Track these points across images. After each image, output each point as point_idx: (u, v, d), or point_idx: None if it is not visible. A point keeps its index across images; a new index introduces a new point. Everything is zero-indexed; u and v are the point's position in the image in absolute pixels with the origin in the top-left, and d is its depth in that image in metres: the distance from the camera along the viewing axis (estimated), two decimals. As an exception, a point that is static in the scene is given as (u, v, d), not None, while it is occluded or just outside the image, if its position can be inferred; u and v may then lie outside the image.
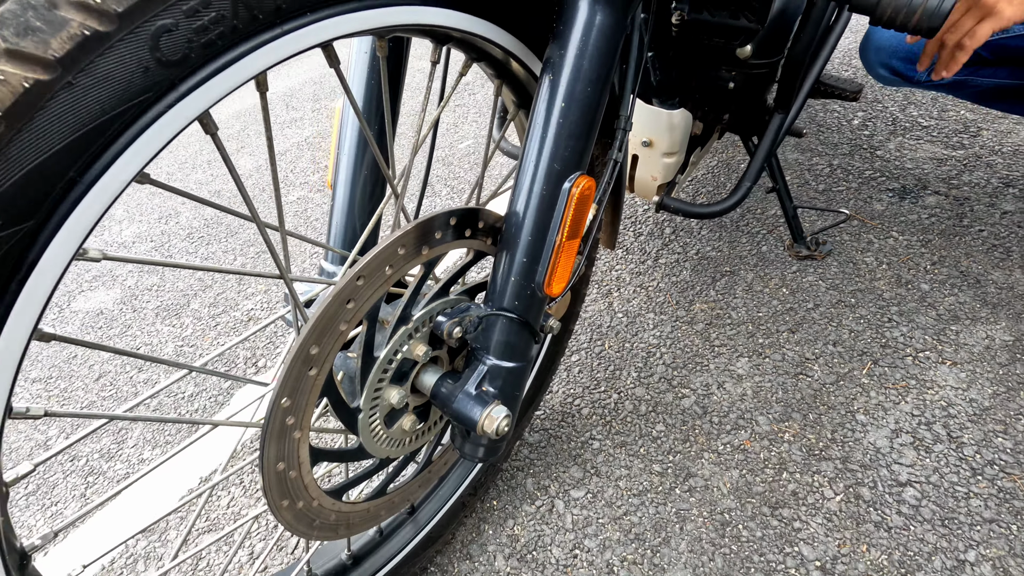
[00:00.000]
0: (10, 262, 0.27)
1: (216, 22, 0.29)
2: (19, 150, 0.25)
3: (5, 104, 0.24)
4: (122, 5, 0.26)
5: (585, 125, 0.46)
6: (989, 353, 0.86)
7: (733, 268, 1.13)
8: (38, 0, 0.24)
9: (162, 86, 0.28)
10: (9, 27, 0.24)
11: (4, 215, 0.25)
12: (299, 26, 0.34)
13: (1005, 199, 1.14)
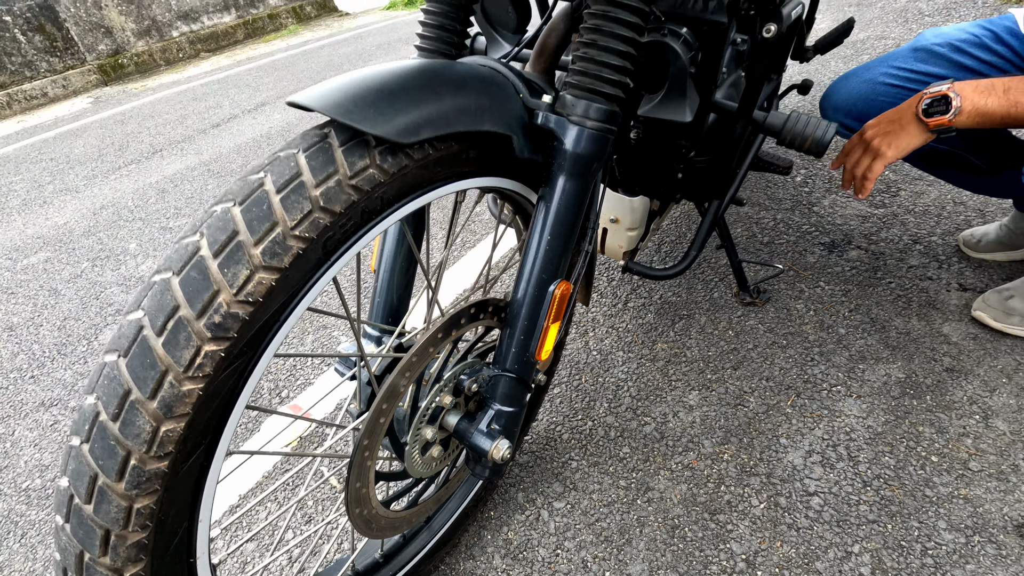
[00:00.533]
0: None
1: (352, 229, 0.48)
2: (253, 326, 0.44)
3: (259, 295, 0.43)
4: (314, 231, 0.45)
5: (563, 246, 0.66)
6: (885, 388, 1.08)
7: (690, 312, 1.34)
8: (277, 234, 0.43)
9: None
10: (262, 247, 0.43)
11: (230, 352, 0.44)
12: (407, 202, 0.52)
13: (912, 255, 1.38)
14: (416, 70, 0.53)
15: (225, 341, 0.42)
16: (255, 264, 0.42)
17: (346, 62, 4.65)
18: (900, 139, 0.93)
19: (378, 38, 5.53)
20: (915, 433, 0.99)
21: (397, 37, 5.37)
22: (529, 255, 0.66)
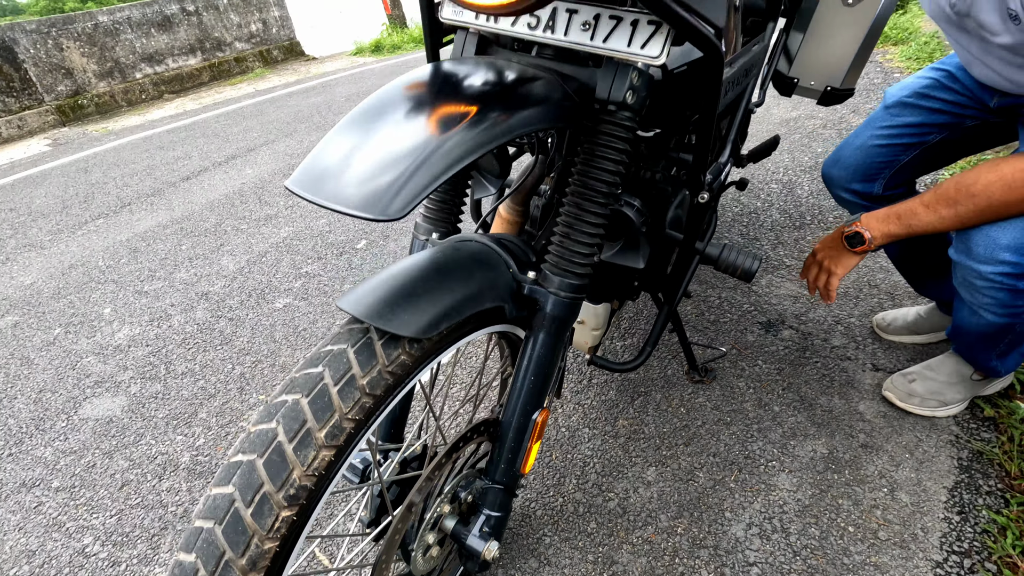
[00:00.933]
0: None
1: (384, 400, 0.60)
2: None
3: (322, 468, 0.54)
4: (361, 413, 0.57)
5: (543, 382, 0.80)
6: (812, 463, 1.26)
7: (647, 389, 1.50)
8: (336, 420, 0.55)
9: None
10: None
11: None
12: (423, 367, 0.65)
13: (835, 335, 1.59)
14: (430, 266, 0.67)
15: (296, 507, 0.53)
16: (319, 445, 0.54)
17: (315, 113, 4.77)
18: (841, 261, 1.13)
19: (346, 87, 5.68)
20: (836, 505, 1.17)
21: (365, 88, 5.53)
22: (516, 387, 0.80)
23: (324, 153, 0.56)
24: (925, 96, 1.21)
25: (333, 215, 2.75)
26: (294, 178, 0.55)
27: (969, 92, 1.15)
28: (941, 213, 0.98)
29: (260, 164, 3.67)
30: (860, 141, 1.30)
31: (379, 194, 0.50)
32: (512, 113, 0.60)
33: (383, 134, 0.56)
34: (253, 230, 2.73)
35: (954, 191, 0.96)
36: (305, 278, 2.24)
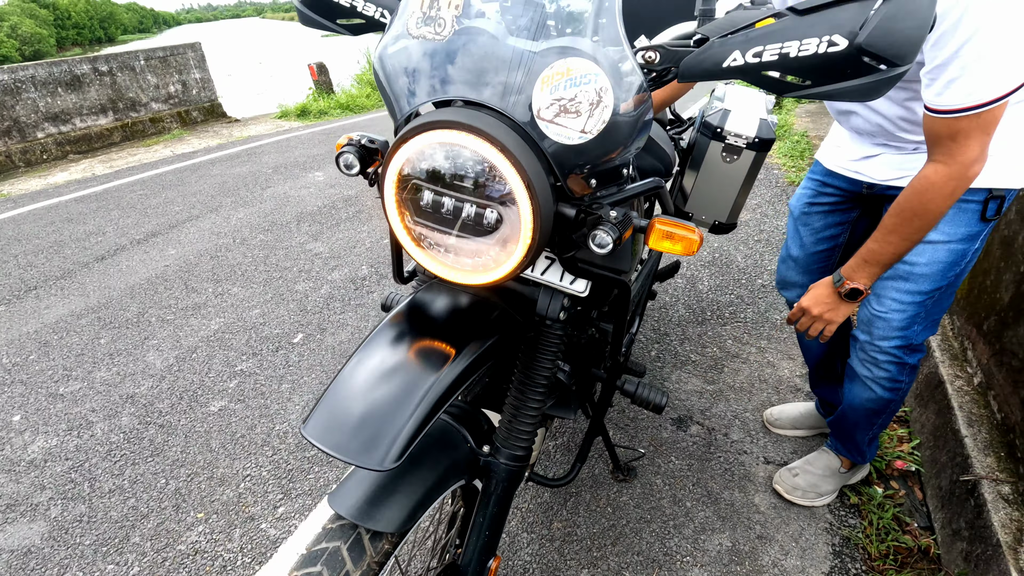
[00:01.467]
0: None
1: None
2: None
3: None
4: None
5: (496, 535, 0.94)
6: (719, 556, 1.45)
7: (577, 490, 1.66)
8: None
9: None
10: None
11: None
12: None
13: (734, 429, 1.84)
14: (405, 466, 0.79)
15: None
16: None
17: (242, 186, 4.74)
18: (841, 312, 1.19)
19: (274, 157, 5.68)
20: (740, 596, 1.36)
21: (294, 159, 5.56)
22: (473, 538, 0.93)
23: (333, 403, 0.69)
24: (815, 203, 1.44)
25: (266, 306, 2.76)
26: (310, 427, 0.67)
27: (843, 191, 1.37)
28: (890, 240, 1.07)
29: (184, 243, 3.59)
30: (797, 253, 1.52)
31: (376, 445, 0.64)
32: (480, 344, 0.76)
33: (379, 383, 0.70)
34: (180, 321, 2.68)
35: (889, 221, 1.07)
36: (240, 377, 2.23)
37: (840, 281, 1.16)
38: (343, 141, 0.82)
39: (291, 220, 3.87)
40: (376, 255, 3.24)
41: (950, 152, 0.94)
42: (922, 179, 1.00)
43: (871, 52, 0.58)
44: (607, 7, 0.60)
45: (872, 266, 1.13)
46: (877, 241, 1.10)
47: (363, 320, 2.58)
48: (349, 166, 0.78)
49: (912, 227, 1.04)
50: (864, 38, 0.58)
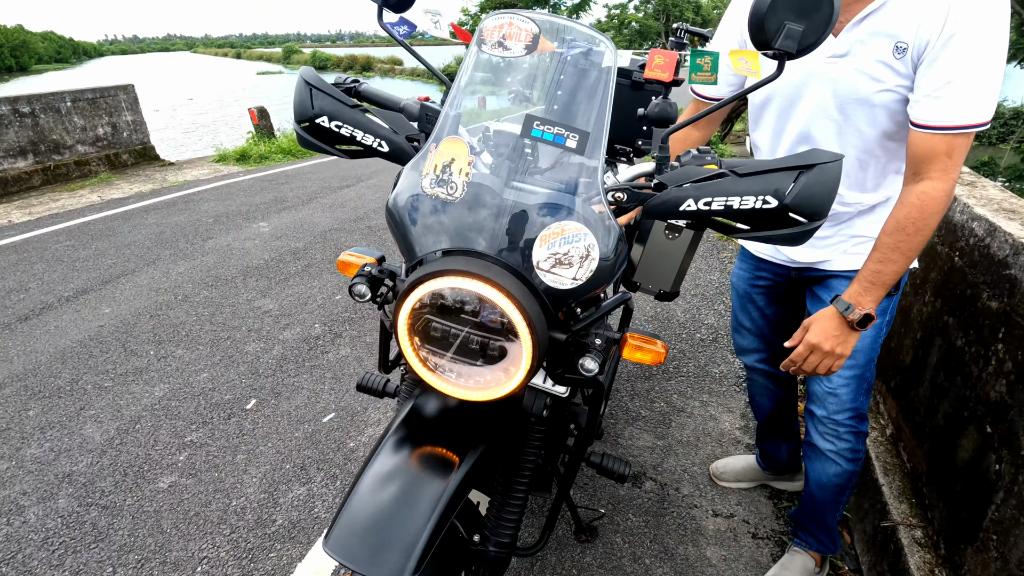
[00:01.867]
0: None
1: None
2: None
3: None
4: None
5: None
6: (678, 612, 1.54)
7: (543, 553, 1.72)
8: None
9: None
10: None
11: None
12: None
13: (684, 483, 1.97)
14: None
15: None
16: None
17: (181, 237, 4.59)
18: (849, 343, 1.15)
19: (214, 205, 5.54)
20: (699, 651, 1.45)
21: (236, 208, 5.44)
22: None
23: (351, 518, 0.75)
24: (755, 286, 1.56)
25: (214, 369, 2.69)
26: (332, 543, 0.72)
27: (775, 275, 1.49)
28: (894, 258, 1.08)
29: (120, 301, 3.43)
30: (745, 325, 1.64)
31: (395, 559, 0.71)
32: (478, 448, 0.83)
33: (394, 497, 0.76)
34: (120, 388, 2.55)
35: (891, 240, 1.08)
36: (191, 449, 2.16)
37: (849, 309, 1.12)
38: (351, 261, 0.88)
39: (236, 275, 3.79)
40: (328, 312, 3.23)
41: (945, 168, 1.01)
42: (921, 195, 1.03)
43: (795, 210, 0.73)
44: (589, 168, 0.72)
45: (878, 288, 1.11)
46: (880, 262, 1.09)
47: (318, 383, 2.56)
48: (362, 295, 0.85)
49: (914, 243, 1.06)
50: (790, 200, 0.73)
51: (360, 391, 1.39)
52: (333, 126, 0.89)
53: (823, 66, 1.13)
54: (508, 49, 0.78)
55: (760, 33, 0.76)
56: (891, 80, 1.06)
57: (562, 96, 0.85)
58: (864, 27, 1.06)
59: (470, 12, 21.78)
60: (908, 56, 1.03)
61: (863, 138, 1.16)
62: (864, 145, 1.17)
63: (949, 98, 0.97)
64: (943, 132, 0.99)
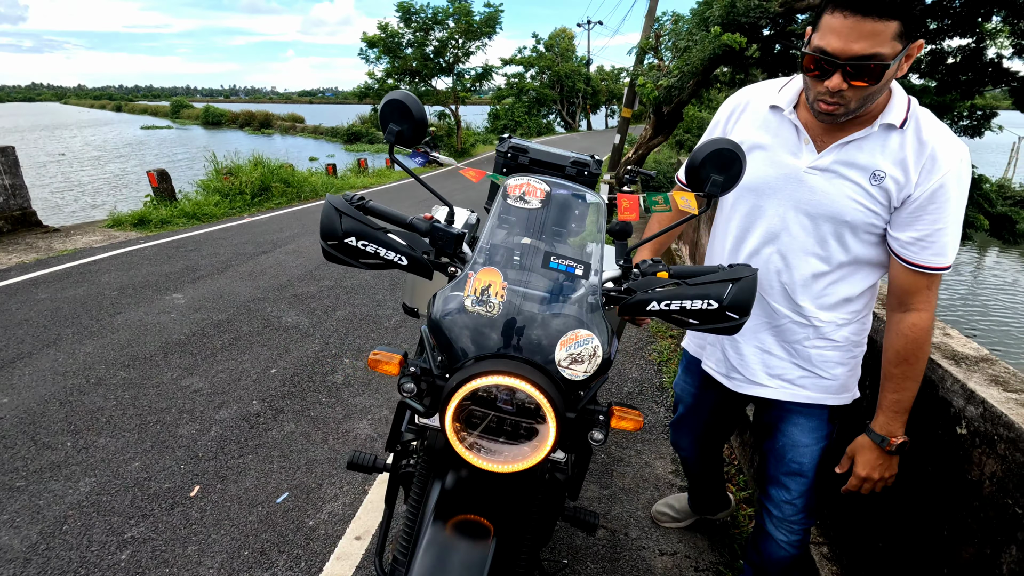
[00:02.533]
0: None
1: None
2: None
3: None
4: None
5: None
6: (642, 647, 1.72)
7: (514, 609, 1.83)
8: None
9: None
10: None
11: None
12: None
13: (631, 527, 2.18)
14: None
15: None
16: None
17: (82, 312, 4.26)
18: (893, 465, 1.26)
19: (116, 276, 5.19)
20: None
21: (142, 279, 5.14)
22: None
23: None
24: (699, 403, 1.67)
25: (146, 457, 2.55)
26: None
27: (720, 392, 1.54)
28: (907, 386, 1.21)
29: (20, 388, 3.14)
30: (686, 429, 1.77)
31: None
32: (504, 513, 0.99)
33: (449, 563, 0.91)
34: (36, 487, 2.35)
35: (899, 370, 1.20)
36: (133, 546, 2.04)
37: (885, 442, 1.23)
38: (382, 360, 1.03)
39: (155, 352, 3.61)
40: (265, 388, 3.18)
41: (928, 300, 1.16)
42: (912, 327, 1.17)
43: (730, 309, 1.00)
44: (592, 287, 0.96)
45: (903, 414, 1.23)
46: (897, 391, 1.21)
47: (266, 463, 2.52)
48: (411, 391, 0.99)
49: (918, 368, 1.19)
50: (727, 303, 1.00)
51: (351, 469, 1.49)
52: (360, 245, 1.06)
53: (803, 174, 1.20)
54: (528, 203, 1.01)
55: (694, 181, 1.05)
56: (864, 202, 1.15)
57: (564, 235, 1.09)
58: (847, 150, 1.16)
59: (376, 76, 22.34)
60: (884, 187, 1.13)
61: (827, 249, 1.22)
62: (825, 255, 1.23)
63: (939, 244, 1.11)
64: (930, 272, 1.13)
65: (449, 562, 0.94)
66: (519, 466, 0.93)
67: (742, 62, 9.05)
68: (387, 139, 1.14)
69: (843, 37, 0.98)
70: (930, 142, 1.09)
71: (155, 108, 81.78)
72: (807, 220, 1.22)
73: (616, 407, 1.04)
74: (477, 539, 0.97)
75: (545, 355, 0.91)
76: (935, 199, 1.09)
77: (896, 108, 1.12)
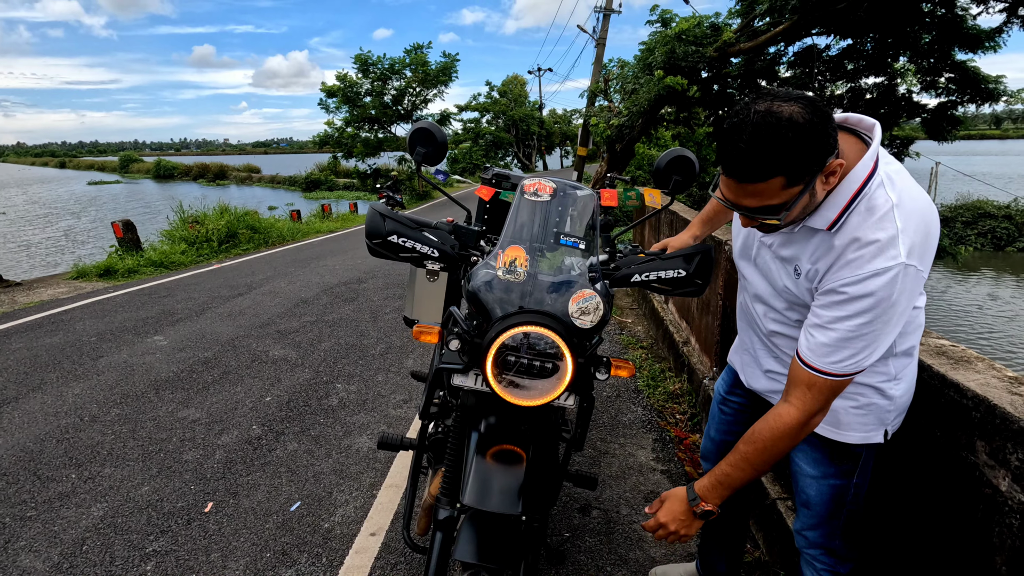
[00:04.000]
0: None
1: None
2: None
3: None
4: None
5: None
6: (641, 601, 1.94)
7: (525, 580, 2.02)
8: None
9: None
10: None
11: None
12: None
13: (622, 507, 2.41)
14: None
15: None
16: None
17: (63, 358, 4.27)
18: (693, 526, 1.23)
19: (92, 323, 5.19)
20: (662, 624, 1.84)
21: (120, 324, 5.16)
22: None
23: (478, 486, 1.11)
24: (729, 399, 1.60)
25: (155, 481, 2.64)
26: (468, 497, 1.08)
27: (748, 395, 1.52)
28: (742, 466, 1.15)
29: (12, 430, 3.16)
30: (713, 437, 1.66)
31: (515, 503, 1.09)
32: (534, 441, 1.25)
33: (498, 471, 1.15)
34: (48, 515, 2.41)
35: (743, 448, 1.15)
36: (156, 558, 2.14)
37: (696, 501, 1.20)
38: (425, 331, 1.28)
39: (146, 389, 3.67)
40: (263, 414, 3.30)
41: (803, 398, 1.07)
42: (776, 416, 1.10)
43: (696, 276, 1.30)
44: (592, 260, 1.25)
45: (725, 489, 1.17)
46: (732, 466, 1.16)
47: (274, 478, 2.64)
48: (457, 347, 1.23)
49: (761, 459, 1.12)
50: (692, 271, 1.30)
51: (381, 448, 1.70)
52: (400, 242, 1.32)
53: (764, 248, 1.25)
54: (539, 196, 1.30)
55: (660, 180, 1.37)
56: (790, 286, 1.17)
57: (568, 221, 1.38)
58: (781, 238, 1.18)
59: (335, 125, 22.78)
60: (806, 278, 1.11)
61: (781, 322, 1.26)
62: (781, 326, 1.27)
63: (815, 340, 1.04)
64: (802, 365, 1.07)
65: (493, 482, 1.17)
66: (543, 399, 1.18)
67: (685, 101, 9.85)
68: (415, 159, 1.43)
69: (734, 194, 1.02)
70: (847, 245, 1.02)
71: (102, 163, 79.95)
72: (769, 287, 1.26)
73: (612, 358, 1.31)
74: (512, 464, 1.21)
75: (561, 309, 1.18)
76: (827, 297, 1.05)
77: (827, 209, 1.05)
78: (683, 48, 9.21)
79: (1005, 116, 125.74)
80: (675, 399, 3.42)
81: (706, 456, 1.72)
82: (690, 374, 3.40)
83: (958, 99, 9.53)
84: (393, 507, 2.40)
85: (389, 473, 2.65)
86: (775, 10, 8.72)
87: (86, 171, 75.53)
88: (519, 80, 40.30)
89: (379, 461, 2.76)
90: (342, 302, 5.85)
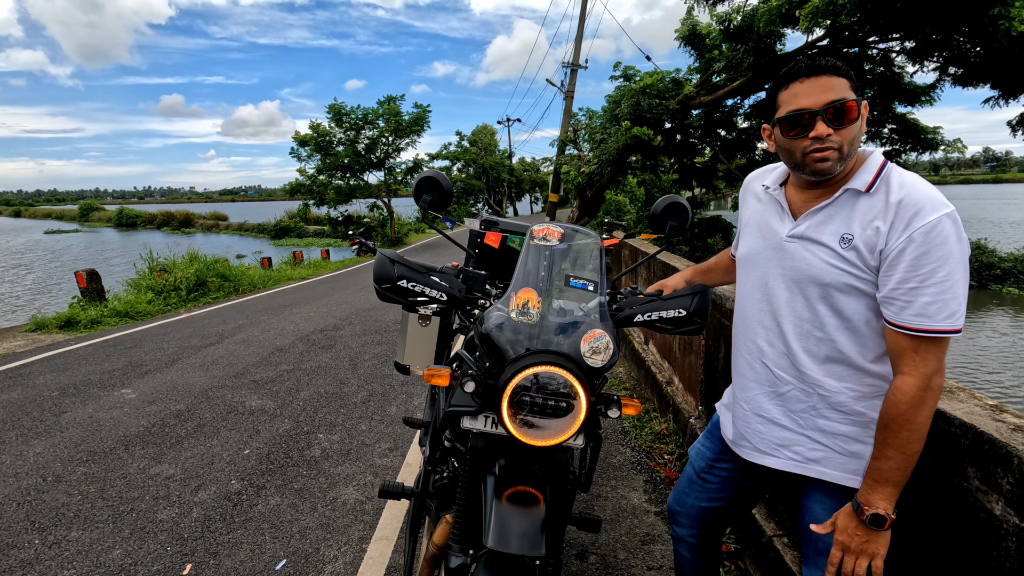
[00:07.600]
0: None
1: None
2: None
3: None
4: None
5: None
6: (646, 648, 1.90)
7: (526, 633, 1.96)
8: None
9: None
10: None
11: None
12: None
13: (618, 551, 2.38)
14: None
15: None
16: None
17: (22, 415, 4.04)
18: (876, 541, 1.12)
19: (53, 377, 4.95)
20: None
21: (83, 377, 4.93)
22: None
23: (500, 526, 1.10)
24: (714, 468, 1.52)
25: (127, 544, 2.49)
26: (491, 541, 1.07)
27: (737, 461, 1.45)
28: (887, 454, 1.10)
29: (-33, 494, 2.95)
30: (688, 502, 1.56)
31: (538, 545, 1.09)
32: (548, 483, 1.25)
33: (516, 513, 1.14)
34: (9, 586, 2.23)
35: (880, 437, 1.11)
36: (131, 628, 2.00)
37: (859, 508, 1.12)
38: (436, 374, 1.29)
39: (115, 445, 3.50)
40: (242, 467, 3.17)
41: (914, 363, 1.07)
42: (894, 390, 1.09)
43: (694, 316, 1.36)
44: (601, 300, 1.29)
45: (883, 485, 1.10)
46: (877, 458, 1.11)
47: (257, 535, 2.53)
48: (472, 389, 1.24)
49: (900, 437, 1.08)
50: (691, 311, 1.36)
51: (382, 496, 1.66)
52: (409, 286, 1.34)
53: (784, 243, 1.27)
54: (548, 241, 1.35)
55: (656, 225, 1.44)
56: (836, 263, 1.17)
57: (575, 265, 1.44)
58: (819, 216, 1.21)
59: (307, 173, 22.87)
60: (855, 247, 1.14)
61: (815, 313, 1.23)
62: (814, 319, 1.23)
63: (917, 304, 1.05)
64: (910, 333, 1.07)
65: (514, 524, 1.16)
66: (558, 439, 1.20)
67: (651, 150, 10.29)
68: (421, 206, 1.47)
69: (812, 95, 1.12)
70: (900, 201, 1.09)
71: (60, 212, 77.72)
72: (793, 285, 1.26)
73: (622, 397, 1.35)
74: (531, 505, 1.20)
75: (573, 348, 1.21)
76: (904, 256, 1.07)
77: (863, 174, 1.16)
78: (647, 101, 9.70)
79: (942, 163, 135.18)
80: (662, 439, 3.44)
81: (674, 515, 1.61)
82: (675, 414, 3.44)
83: (900, 148, 10.23)
84: (385, 560, 2.31)
85: (379, 525, 2.56)
86: (731, 67, 9.32)
87: (43, 220, 73.22)
88: (489, 130, 41.46)
89: (367, 513, 2.68)
90: (319, 349, 5.74)
